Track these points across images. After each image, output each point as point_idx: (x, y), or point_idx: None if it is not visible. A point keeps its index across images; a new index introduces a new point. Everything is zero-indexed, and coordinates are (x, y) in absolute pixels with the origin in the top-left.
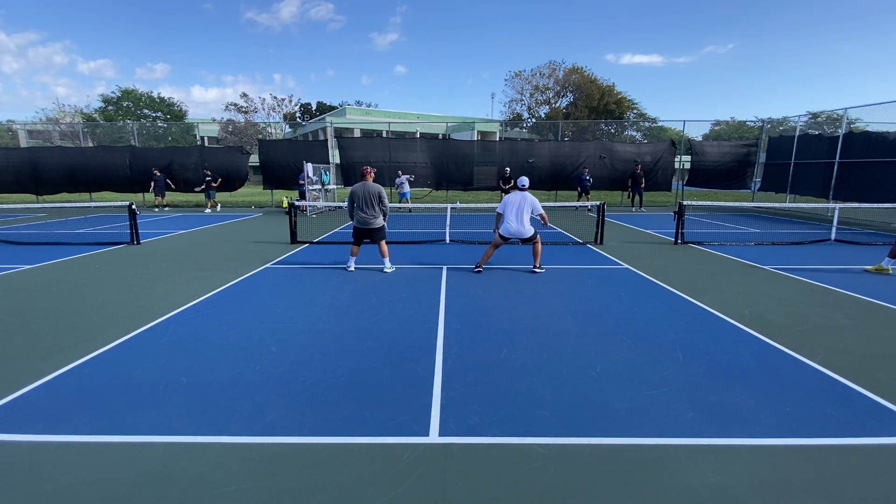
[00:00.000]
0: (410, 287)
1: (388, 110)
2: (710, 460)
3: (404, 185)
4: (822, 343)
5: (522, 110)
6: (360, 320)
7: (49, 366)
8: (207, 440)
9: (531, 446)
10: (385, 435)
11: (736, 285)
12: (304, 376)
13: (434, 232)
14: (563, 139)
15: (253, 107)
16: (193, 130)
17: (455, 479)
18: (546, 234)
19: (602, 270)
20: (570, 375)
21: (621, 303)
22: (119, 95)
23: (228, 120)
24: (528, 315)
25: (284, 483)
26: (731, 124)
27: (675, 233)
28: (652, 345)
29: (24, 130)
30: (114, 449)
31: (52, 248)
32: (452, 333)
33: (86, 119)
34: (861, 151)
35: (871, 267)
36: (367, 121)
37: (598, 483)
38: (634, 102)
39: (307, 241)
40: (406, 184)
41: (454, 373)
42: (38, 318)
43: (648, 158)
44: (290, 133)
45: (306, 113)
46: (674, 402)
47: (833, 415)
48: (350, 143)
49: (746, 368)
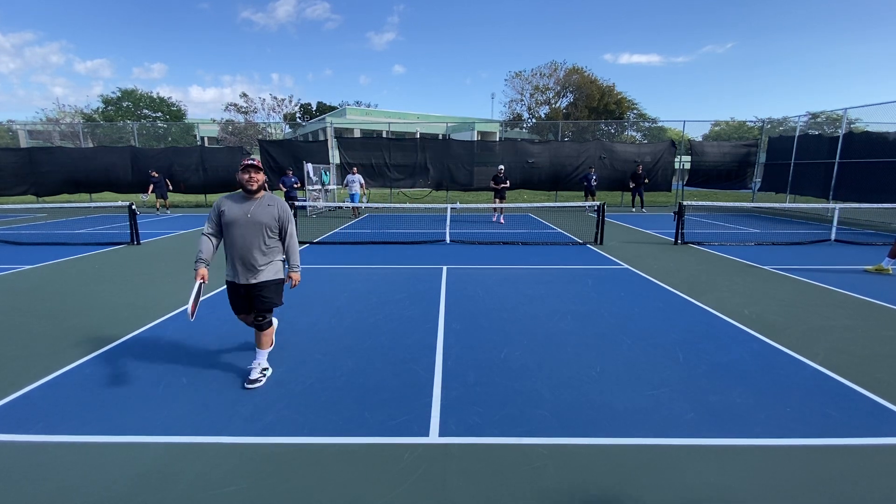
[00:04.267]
0: (410, 287)
1: (388, 110)
2: (710, 460)
3: (354, 185)
4: (822, 343)
5: (522, 110)
6: (360, 320)
7: (49, 366)
8: (207, 440)
9: (531, 446)
10: (385, 435)
11: (736, 285)
12: (304, 376)
13: (434, 232)
14: (563, 139)
15: (253, 107)
16: (193, 131)
17: (455, 479)
18: (546, 234)
19: (602, 270)
20: (570, 375)
21: (621, 303)
22: (119, 95)
23: (228, 120)
24: (528, 315)
25: (284, 483)
26: (730, 124)
27: (675, 233)
28: (652, 345)
29: (24, 131)
30: (114, 449)
31: (53, 248)
32: (452, 334)
33: (86, 119)
34: (861, 151)
35: (871, 267)
36: (367, 121)
37: (598, 483)
38: (634, 103)
39: (307, 242)
40: (357, 184)
41: (454, 373)
42: (38, 318)
43: (648, 159)
44: (291, 133)
45: (306, 113)
46: (674, 402)
47: (833, 415)
48: (350, 144)
49: (746, 368)
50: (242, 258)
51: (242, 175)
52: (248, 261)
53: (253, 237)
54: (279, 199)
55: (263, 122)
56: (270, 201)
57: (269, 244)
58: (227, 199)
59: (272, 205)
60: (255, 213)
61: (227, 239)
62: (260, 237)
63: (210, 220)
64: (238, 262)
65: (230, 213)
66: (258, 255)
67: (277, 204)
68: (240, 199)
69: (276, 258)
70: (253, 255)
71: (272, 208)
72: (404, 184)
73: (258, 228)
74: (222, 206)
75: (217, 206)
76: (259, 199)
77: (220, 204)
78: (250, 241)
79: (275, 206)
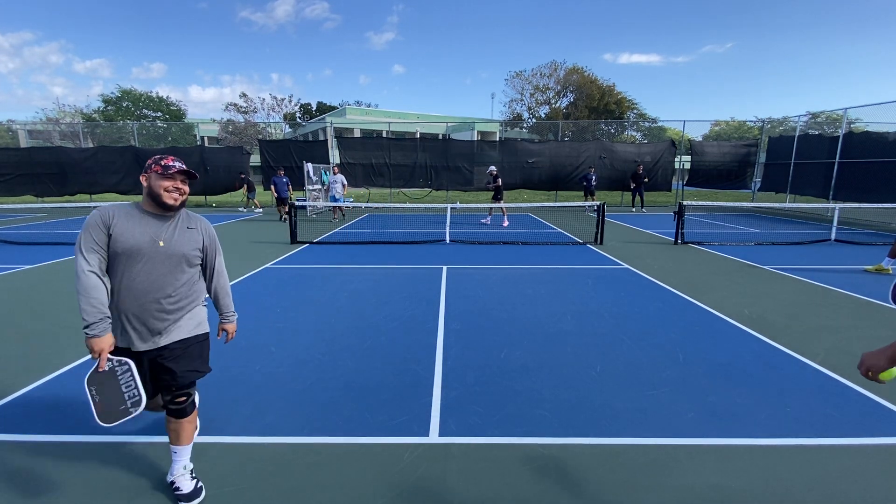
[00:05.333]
0: (410, 287)
1: (388, 110)
2: (710, 460)
3: (337, 186)
4: (822, 343)
5: (522, 110)
6: (360, 320)
7: (49, 366)
8: (208, 440)
9: (531, 446)
10: (385, 435)
11: (736, 285)
12: (304, 376)
13: (434, 232)
14: (563, 139)
15: (252, 107)
16: (193, 130)
17: (455, 479)
18: (546, 234)
19: (602, 270)
20: (570, 375)
21: (621, 303)
22: (119, 95)
23: (228, 120)
24: (527, 315)
25: (284, 483)
26: (730, 124)
27: (675, 233)
28: (652, 345)
29: (24, 130)
30: (114, 449)
31: (52, 248)
32: (452, 334)
33: (86, 119)
34: (861, 151)
35: (871, 267)
36: (367, 121)
37: (598, 483)
38: (634, 102)
39: (307, 242)
40: (339, 185)
41: (454, 373)
42: (38, 318)
43: (648, 158)
44: (291, 133)
45: (306, 113)
46: (674, 402)
47: (833, 415)
48: (350, 144)
49: (746, 368)
50: (145, 309)
51: (161, 181)
52: (155, 313)
53: (165, 276)
54: (202, 220)
55: (263, 122)
56: (191, 222)
57: (189, 285)
58: (119, 215)
59: (194, 227)
60: (172, 241)
61: (119, 278)
62: (175, 275)
63: (89, 244)
64: (134, 317)
65: (128, 238)
66: (172, 302)
67: (201, 226)
68: (142, 217)
69: (197, 304)
70: (163, 303)
71: (194, 232)
72: (404, 184)
73: (174, 263)
74: (113, 225)
75: (100, 222)
76: (176, 220)
77: (107, 219)
78: (161, 281)
79: (197, 230)
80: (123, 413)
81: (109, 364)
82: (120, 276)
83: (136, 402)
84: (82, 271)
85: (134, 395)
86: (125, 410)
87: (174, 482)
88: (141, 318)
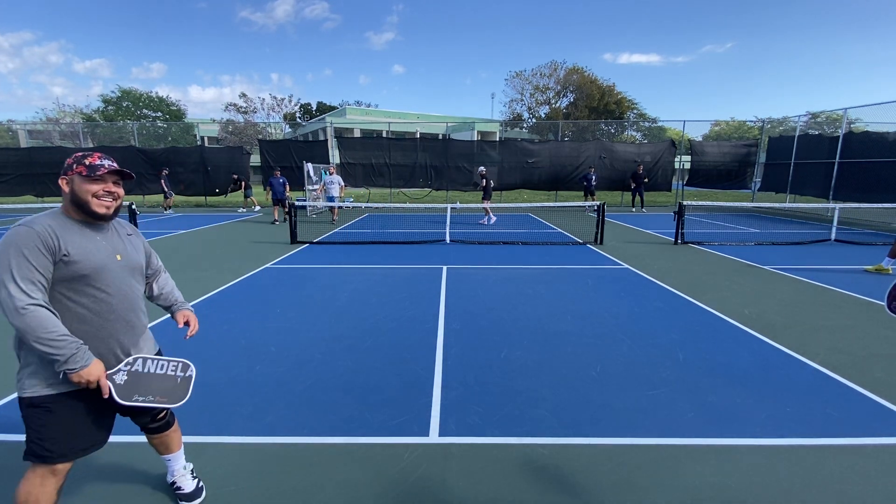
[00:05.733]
0: (410, 287)
1: (388, 110)
2: (710, 460)
3: (333, 187)
4: (822, 343)
5: (522, 110)
6: (360, 320)
7: None
8: (207, 440)
9: (531, 446)
10: (385, 435)
11: (736, 285)
12: (304, 376)
13: (434, 232)
14: (563, 139)
15: (252, 107)
16: (193, 130)
17: (455, 479)
18: (546, 233)
19: (602, 270)
20: (570, 375)
21: (621, 303)
22: (119, 95)
23: (228, 120)
24: (528, 315)
25: (284, 483)
26: (730, 124)
27: (675, 233)
28: (652, 345)
29: (24, 130)
30: (113, 449)
31: None
32: (452, 333)
33: (86, 119)
34: (861, 151)
35: (870, 267)
36: (367, 121)
37: (598, 483)
38: (634, 102)
39: (307, 242)
40: (336, 185)
41: (454, 373)
42: None
43: (648, 158)
44: (291, 133)
45: (306, 113)
46: (674, 402)
47: (833, 415)
48: (350, 144)
49: (746, 368)
50: (121, 331)
51: (88, 185)
52: (130, 333)
53: (129, 292)
54: (130, 224)
55: (263, 122)
56: (127, 228)
57: (143, 298)
58: (60, 231)
59: (132, 233)
60: (126, 252)
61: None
62: (136, 290)
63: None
64: (114, 340)
65: (87, 256)
66: (138, 320)
67: (133, 230)
68: (81, 228)
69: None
70: (134, 323)
71: (135, 238)
72: (404, 184)
73: (135, 276)
74: (61, 246)
75: (40, 244)
76: (115, 229)
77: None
78: (132, 299)
79: (136, 235)
80: (187, 382)
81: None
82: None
83: (184, 366)
84: (23, 307)
85: (175, 366)
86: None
87: (175, 482)
88: (121, 340)
